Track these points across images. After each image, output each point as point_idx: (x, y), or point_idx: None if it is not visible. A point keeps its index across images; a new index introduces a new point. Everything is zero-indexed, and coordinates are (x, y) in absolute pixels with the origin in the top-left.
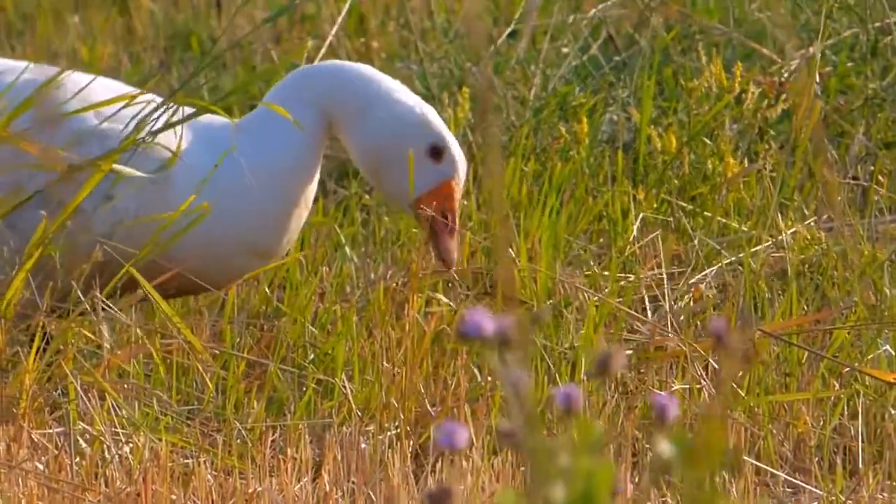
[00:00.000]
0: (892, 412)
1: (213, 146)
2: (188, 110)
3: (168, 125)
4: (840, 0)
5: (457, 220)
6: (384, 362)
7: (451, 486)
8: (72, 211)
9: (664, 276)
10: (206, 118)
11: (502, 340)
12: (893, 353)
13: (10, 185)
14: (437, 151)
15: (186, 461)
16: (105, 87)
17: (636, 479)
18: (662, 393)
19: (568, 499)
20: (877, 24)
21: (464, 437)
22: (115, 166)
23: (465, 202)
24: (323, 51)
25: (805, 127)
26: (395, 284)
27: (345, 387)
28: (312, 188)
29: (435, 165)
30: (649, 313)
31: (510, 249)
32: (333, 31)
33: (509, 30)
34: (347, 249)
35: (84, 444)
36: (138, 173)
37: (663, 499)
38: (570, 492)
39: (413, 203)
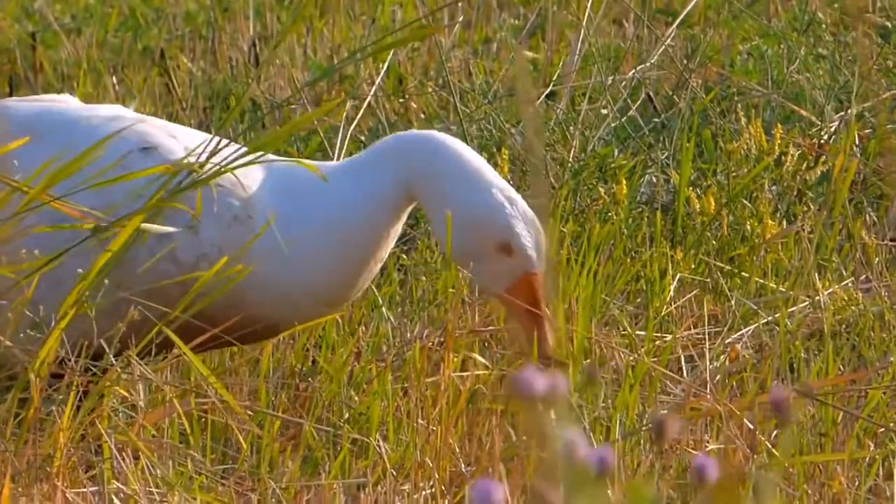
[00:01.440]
0: None
1: (295, 192)
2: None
3: (232, 164)
4: (880, 61)
5: (544, 309)
6: (419, 421)
7: None
8: (157, 237)
9: (703, 334)
10: (290, 167)
11: (554, 399)
12: None
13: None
14: (506, 248)
15: None
16: (185, 134)
17: None
18: (700, 454)
19: None
20: None
21: (500, 496)
22: (144, 224)
23: None
24: (361, 112)
25: (842, 185)
26: (430, 344)
27: (379, 446)
28: (386, 245)
29: (508, 259)
30: (685, 373)
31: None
32: (372, 92)
33: (547, 90)
34: (384, 309)
35: None
36: (167, 228)
37: None
38: None
39: (499, 297)
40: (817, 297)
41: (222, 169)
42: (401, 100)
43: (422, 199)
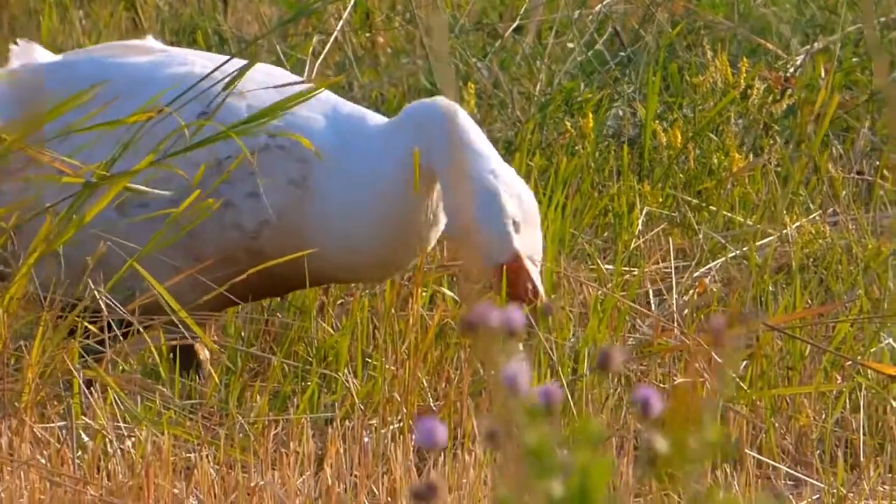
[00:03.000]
0: (894, 405)
1: (356, 152)
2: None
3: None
4: None
5: (537, 288)
6: (388, 356)
7: (437, 483)
8: (221, 205)
9: (671, 268)
10: (359, 118)
11: (508, 333)
12: (895, 347)
13: (162, 178)
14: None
15: (189, 455)
16: (265, 75)
17: (638, 473)
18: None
19: (564, 495)
20: (882, 20)
21: (443, 435)
22: (131, 185)
23: None
24: (328, 46)
25: (821, 121)
26: (399, 279)
27: (348, 381)
28: (423, 213)
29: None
30: (653, 307)
31: None
32: (339, 27)
33: (514, 25)
34: None
35: (86, 438)
36: (155, 191)
37: (665, 492)
38: (567, 487)
39: (485, 269)
40: (785, 231)
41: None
42: (367, 34)
43: (435, 169)
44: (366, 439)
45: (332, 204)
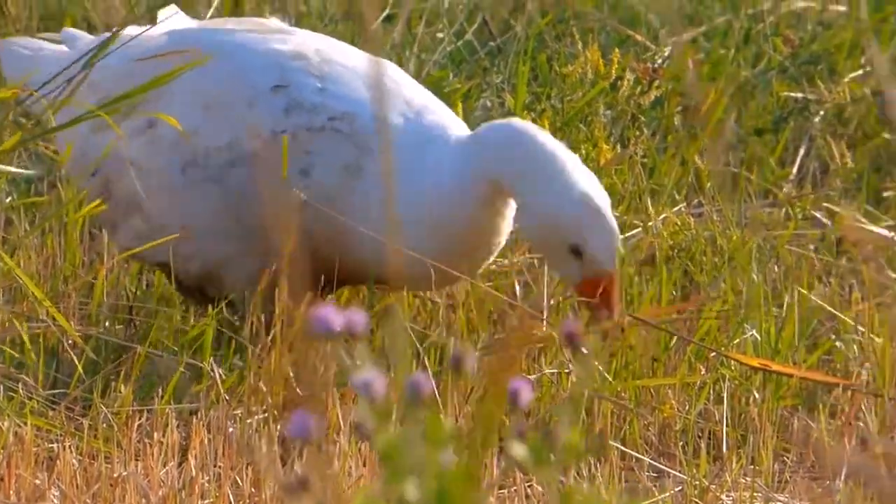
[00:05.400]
0: (757, 397)
1: (425, 160)
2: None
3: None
4: None
5: (615, 306)
6: (253, 346)
7: (309, 477)
8: (272, 177)
9: (537, 259)
10: (441, 128)
11: (350, 336)
12: (759, 339)
13: (226, 143)
14: (577, 252)
15: (51, 445)
16: (341, 53)
17: (503, 465)
18: (518, 378)
19: (423, 495)
20: (749, 12)
21: (316, 428)
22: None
23: None
24: None
25: (710, 116)
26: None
27: (213, 371)
28: (486, 232)
29: (578, 262)
30: (519, 297)
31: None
32: (209, 14)
33: (384, 14)
34: None
35: None
36: (21, 171)
37: (528, 484)
38: (424, 488)
39: (572, 290)
40: (650, 223)
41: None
42: None
43: (509, 191)
44: (230, 430)
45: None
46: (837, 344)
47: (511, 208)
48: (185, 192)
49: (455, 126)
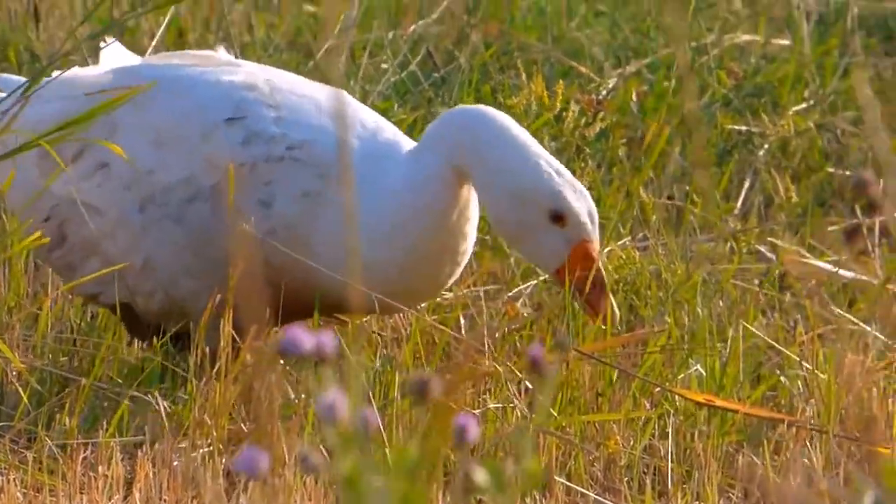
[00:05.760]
0: (702, 432)
1: (382, 174)
2: None
3: None
4: (658, 19)
5: (603, 277)
6: (198, 379)
7: None
8: (233, 210)
9: (482, 292)
10: (395, 143)
11: (320, 358)
12: (704, 374)
13: (183, 179)
14: (559, 217)
15: None
16: (288, 82)
17: (447, 499)
18: (465, 413)
19: None
20: (693, 45)
21: (264, 464)
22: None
23: None
24: None
25: (636, 146)
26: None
27: (158, 403)
28: (456, 229)
29: (562, 230)
30: (464, 331)
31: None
32: (153, 45)
33: (328, 45)
34: None
35: None
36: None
37: None
38: None
39: (554, 274)
40: None
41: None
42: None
43: (472, 176)
44: (175, 463)
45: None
46: (782, 379)
47: (475, 212)
48: (144, 231)
49: (407, 142)
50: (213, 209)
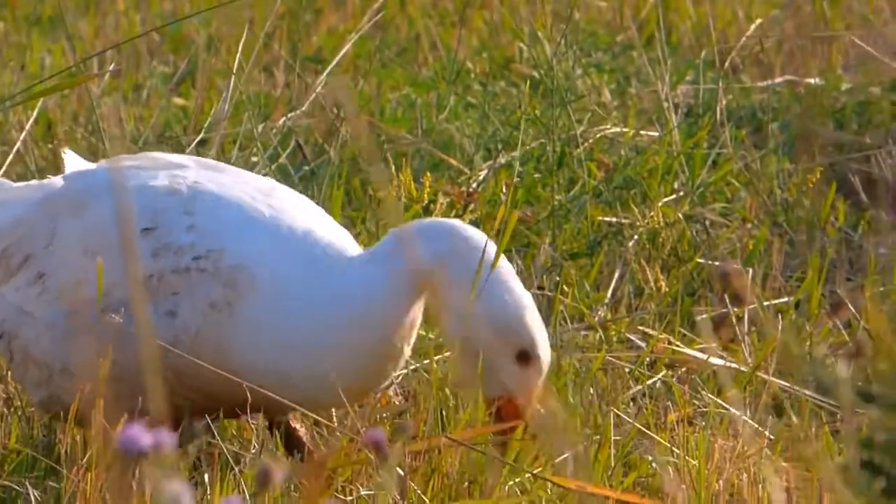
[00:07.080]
0: None
1: (304, 277)
2: None
3: None
4: (528, 111)
5: (529, 404)
6: (68, 468)
7: None
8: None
9: None
10: (338, 251)
11: (158, 455)
12: (575, 461)
13: (105, 289)
14: (525, 358)
15: None
16: (219, 184)
17: None
18: (232, 498)
19: None
20: (563, 136)
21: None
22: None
23: None
24: (10, 158)
25: (501, 237)
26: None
27: (29, 493)
28: (403, 335)
29: (521, 369)
30: (335, 420)
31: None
32: (21, 138)
33: (199, 138)
34: None
35: None
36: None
37: None
38: None
39: (490, 398)
40: None
41: None
42: (50, 146)
43: (440, 286)
44: None
45: (264, 334)
46: (653, 465)
47: (418, 318)
48: (65, 340)
49: (347, 242)
50: (127, 320)
